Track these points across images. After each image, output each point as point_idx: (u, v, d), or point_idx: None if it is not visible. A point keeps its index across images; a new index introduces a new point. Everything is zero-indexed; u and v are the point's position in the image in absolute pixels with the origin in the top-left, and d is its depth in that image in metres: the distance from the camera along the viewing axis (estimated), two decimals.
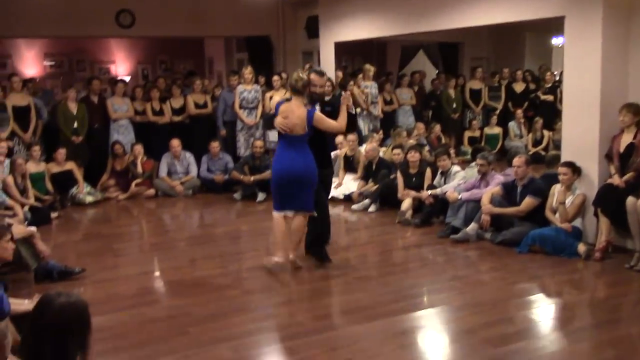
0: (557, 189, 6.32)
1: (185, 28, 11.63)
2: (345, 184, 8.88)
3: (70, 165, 9.01)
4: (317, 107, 5.73)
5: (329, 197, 8.53)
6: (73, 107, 9.40)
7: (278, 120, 5.51)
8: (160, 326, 4.53)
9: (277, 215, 5.65)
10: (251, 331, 4.44)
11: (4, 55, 12.96)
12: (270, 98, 9.00)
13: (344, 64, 13.43)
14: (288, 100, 5.62)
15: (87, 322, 2.31)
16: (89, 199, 8.97)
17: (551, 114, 11.06)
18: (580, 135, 6.28)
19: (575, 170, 6.23)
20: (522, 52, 13.78)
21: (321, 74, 5.66)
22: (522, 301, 5.01)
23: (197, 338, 4.28)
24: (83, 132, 9.45)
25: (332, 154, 9.04)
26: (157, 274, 6.03)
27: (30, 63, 13.99)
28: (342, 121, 5.64)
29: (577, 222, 6.18)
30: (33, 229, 5.72)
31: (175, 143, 9.58)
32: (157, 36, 13.11)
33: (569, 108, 6.44)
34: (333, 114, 5.67)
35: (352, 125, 6.13)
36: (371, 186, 8.50)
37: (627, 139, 5.97)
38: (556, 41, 12.98)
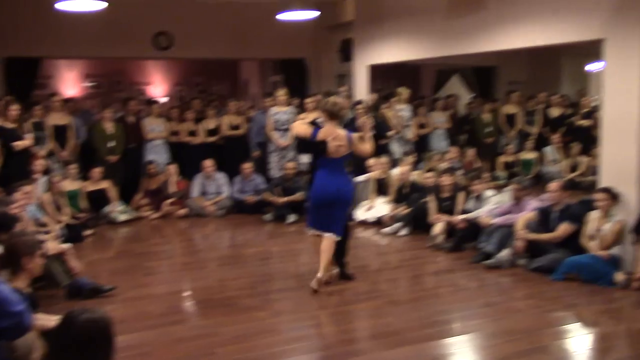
0: (594, 215, 6.17)
1: (222, 50, 11.79)
2: (377, 207, 8.81)
3: (105, 184, 9.14)
4: None
5: (361, 219, 8.65)
6: (109, 127, 9.57)
7: (333, 145, 5.60)
8: (188, 346, 4.51)
9: (312, 232, 5.85)
10: (279, 353, 4.39)
11: (45, 76, 13.28)
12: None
13: (378, 87, 13.42)
14: (314, 124, 5.76)
15: (110, 338, 2.30)
16: (122, 217, 9.08)
17: (588, 140, 10.84)
18: (619, 160, 6.13)
19: (613, 196, 6.07)
20: (559, 77, 13.62)
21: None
22: (557, 330, 4.87)
23: (224, 359, 4.25)
24: (119, 152, 9.60)
25: (363, 177, 9.05)
26: (186, 293, 6.03)
27: (71, 84, 14.32)
28: (371, 145, 5.88)
29: (615, 250, 6.00)
30: (66, 245, 5.80)
31: (208, 163, 9.66)
32: (193, 58, 13.31)
33: (608, 132, 6.30)
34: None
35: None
36: (403, 209, 8.42)
37: None
38: (593, 66, 12.80)
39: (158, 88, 15.32)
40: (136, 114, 10.27)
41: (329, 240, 5.71)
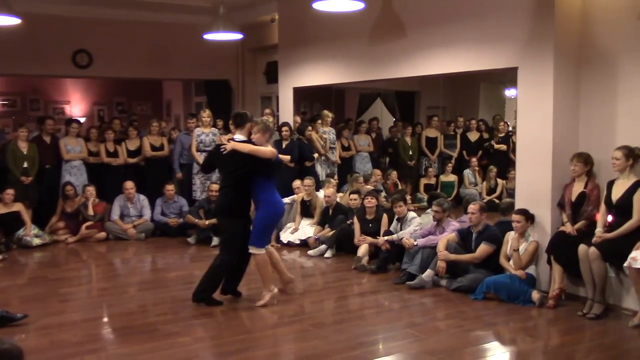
0: (511, 236, 6.39)
1: (144, 70, 11.57)
2: (302, 229, 8.82)
3: (18, 207, 8.75)
4: None
5: (286, 241, 8.67)
6: (24, 147, 9.19)
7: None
8: None
9: (263, 251, 5.93)
10: None
11: None
12: (228, 141, 8.94)
13: (303, 110, 13.51)
14: (246, 141, 5.92)
15: None
16: (37, 241, 8.69)
17: (504, 163, 11.28)
18: (533, 183, 6.39)
19: (528, 217, 6.31)
20: (477, 102, 14.09)
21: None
22: (477, 349, 4.98)
23: None
24: (33, 173, 9.22)
25: (289, 198, 9.05)
26: (104, 320, 5.80)
27: None
28: None
29: (531, 270, 6.23)
30: None
31: (129, 185, 9.41)
32: (114, 77, 13.01)
33: (522, 156, 6.55)
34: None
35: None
36: (327, 231, 8.46)
37: (578, 187, 6.09)
38: (509, 92, 13.35)
39: (77, 107, 14.86)
40: (53, 134, 9.91)
41: (273, 251, 6.25)
